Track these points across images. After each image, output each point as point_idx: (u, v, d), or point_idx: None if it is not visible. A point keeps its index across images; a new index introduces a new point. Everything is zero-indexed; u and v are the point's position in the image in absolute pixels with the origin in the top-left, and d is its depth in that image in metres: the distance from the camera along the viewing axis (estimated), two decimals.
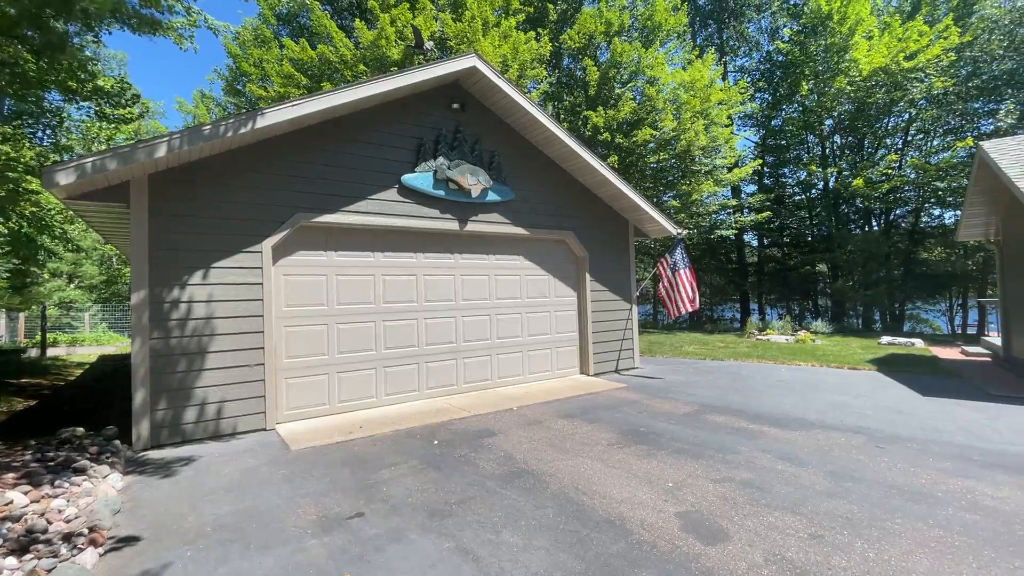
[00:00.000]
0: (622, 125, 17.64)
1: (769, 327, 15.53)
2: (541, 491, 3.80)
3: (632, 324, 9.37)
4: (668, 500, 3.60)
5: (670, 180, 18.33)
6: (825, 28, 18.99)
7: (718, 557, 2.83)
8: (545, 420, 5.85)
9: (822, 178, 20.97)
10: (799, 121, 21.16)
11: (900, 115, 19.85)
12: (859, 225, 21.74)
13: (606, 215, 9.07)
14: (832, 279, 21.39)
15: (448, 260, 7.29)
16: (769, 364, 9.92)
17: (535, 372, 8.11)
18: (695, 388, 7.61)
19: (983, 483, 3.82)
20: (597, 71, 17.83)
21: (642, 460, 4.44)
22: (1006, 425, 5.36)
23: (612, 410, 6.28)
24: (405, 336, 6.80)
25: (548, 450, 4.76)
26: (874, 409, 6.15)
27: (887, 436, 5.04)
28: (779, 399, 6.77)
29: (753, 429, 5.36)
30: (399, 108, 6.75)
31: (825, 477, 3.99)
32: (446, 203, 7.07)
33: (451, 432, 5.41)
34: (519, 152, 7.94)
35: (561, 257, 8.56)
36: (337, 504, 3.63)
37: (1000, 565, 2.71)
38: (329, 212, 6.12)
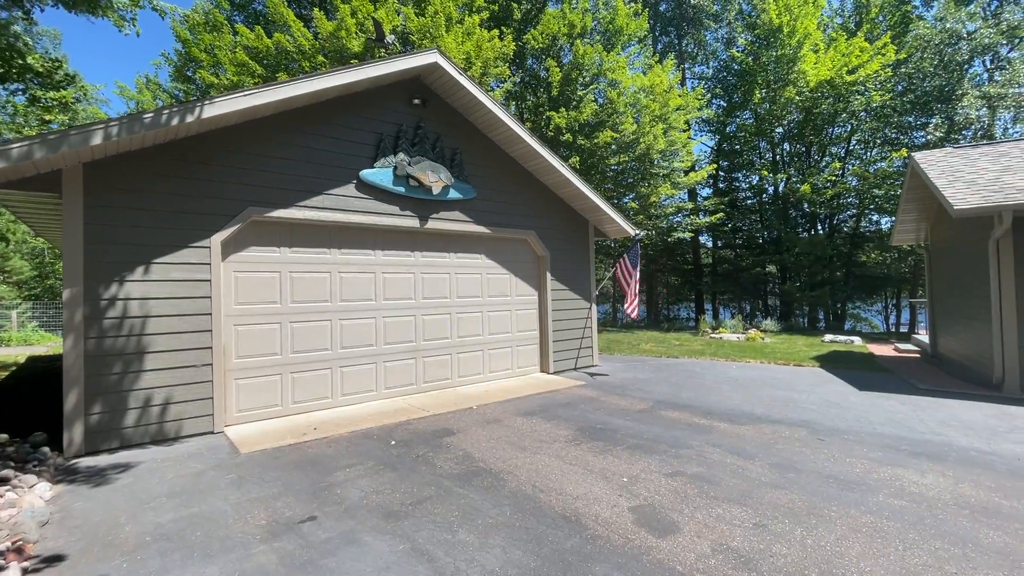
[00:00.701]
0: (584, 127, 17.89)
1: (722, 326, 16.12)
2: (499, 489, 3.81)
3: (592, 323, 9.53)
4: (623, 495, 3.68)
5: (630, 182, 18.73)
6: (776, 40, 19.88)
7: (668, 549, 2.92)
8: (504, 418, 5.87)
9: (773, 183, 21.96)
10: (752, 128, 22.07)
11: (843, 125, 21.03)
12: (806, 229, 22.89)
13: (567, 215, 9.18)
14: (781, 280, 22.44)
15: (408, 258, 7.19)
16: (721, 361, 10.31)
17: (495, 371, 8.12)
18: (651, 385, 7.82)
19: (909, 471, 4.10)
20: (560, 72, 18.00)
21: (598, 456, 4.53)
22: (930, 416, 5.78)
23: (571, 407, 6.37)
24: (363, 335, 6.66)
25: (507, 448, 4.78)
26: (816, 403, 6.49)
27: (827, 429, 5.33)
28: (729, 395, 7.04)
29: (705, 424, 5.55)
30: (358, 101, 6.60)
31: (770, 469, 4.18)
32: (406, 200, 6.97)
33: (409, 432, 5.35)
34: (481, 150, 7.92)
35: (522, 256, 8.60)
36: (288, 508, 3.53)
37: (922, 547, 2.92)
38: (283, 207, 5.92)
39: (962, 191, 7.32)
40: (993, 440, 4.88)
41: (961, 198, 7.10)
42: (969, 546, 2.92)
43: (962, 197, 7.12)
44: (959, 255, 8.78)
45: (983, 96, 18.01)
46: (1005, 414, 5.84)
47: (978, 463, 4.26)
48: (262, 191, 5.79)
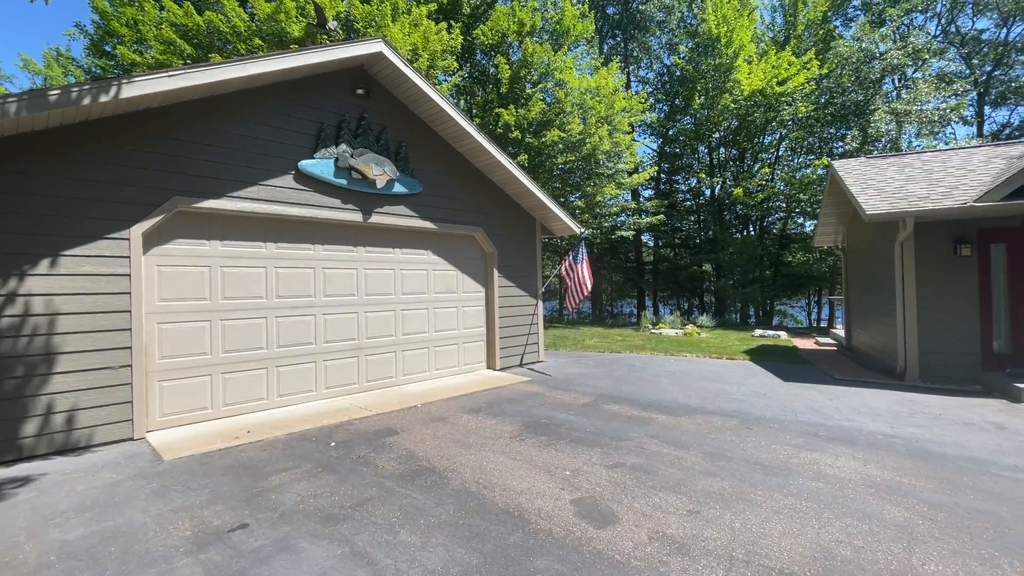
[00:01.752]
0: (532, 125, 18.03)
1: (661, 322, 16.79)
2: (442, 488, 3.78)
3: (538, 319, 9.64)
4: (565, 488, 3.75)
5: (576, 181, 19.08)
6: (715, 49, 20.86)
7: (608, 539, 3.01)
8: (449, 416, 5.82)
9: (709, 186, 23.07)
10: (691, 133, 23.06)
11: (773, 133, 22.41)
12: (739, 230, 24.23)
13: (515, 212, 9.22)
14: (716, 278, 23.65)
15: (350, 253, 6.97)
16: (660, 356, 10.73)
17: (441, 368, 8.04)
18: (594, 380, 8.01)
19: (826, 455, 4.44)
20: (509, 69, 18.03)
21: (542, 451, 4.59)
22: (844, 404, 6.29)
23: (516, 403, 6.42)
24: (301, 333, 6.39)
25: (451, 446, 4.74)
26: (745, 394, 6.90)
27: (755, 418, 5.68)
28: (667, 388, 7.34)
29: (644, 417, 5.76)
30: (298, 89, 6.30)
31: (703, 458, 4.40)
32: (349, 193, 6.74)
33: (350, 433, 5.19)
34: (428, 145, 7.79)
35: (470, 252, 8.55)
36: (217, 516, 3.33)
37: (835, 524, 3.17)
38: (214, 197, 5.56)
39: (873, 198, 8.00)
40: (896, 424, 5.38)
41: (872, 204, 7.75)
42: (874, 521, 3.20)
43: (873, 203, 7.78)
44: (870, 256, 9.59)
45: (892, 112, 19.75)
46: (907, 400, 6.45)
47: (883, 446, 4.68)
48: (190, 180, 5.41)
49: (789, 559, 2.77)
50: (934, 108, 19.74)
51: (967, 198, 7.08)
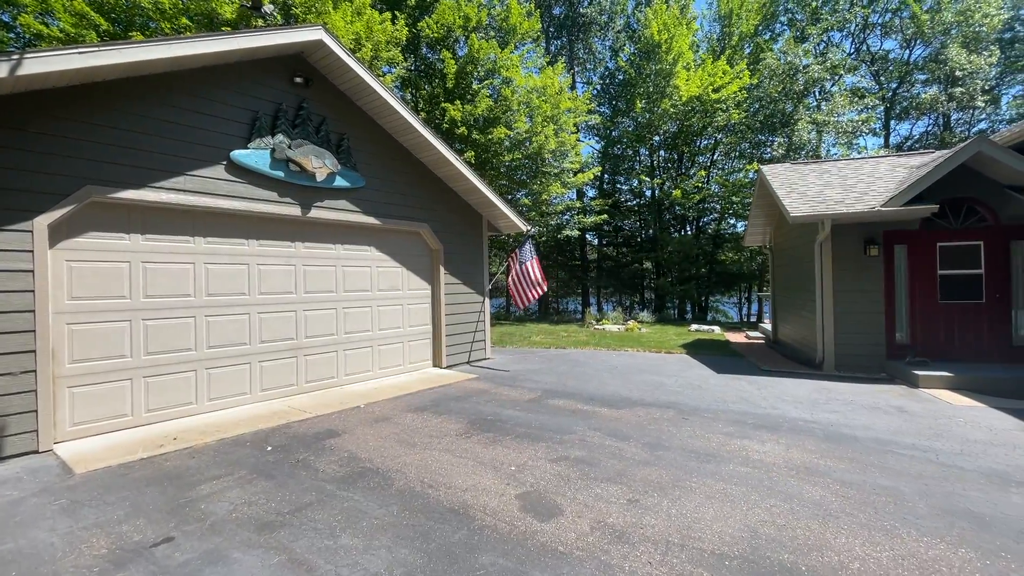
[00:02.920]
0: (479, 121, 17.98)
1: (605, 318, 17.28)
2: (386, 489, 3.71)
3: (485, 316, 9.64)
4: (510, 483, 3.79)
5: (523, 179, 19.23)
6: (656, 55, 21.65)
7: (551, 531, 3.07)
8: (394, 416, 5.72)
9: (650, 187, 23.95)
10: (633, 135, 23.82)
11: (709, 138, 23.58)
12: (677, 229, 25.32)
13: (461, 209, 9.16)
14: (656, 275, 24.63)
15: (288, 249, 6.67)
16: (603, 351, 11.04)
17: (386, 367, 7.87)
18: (540, 375, 8.13)
19: (753, 441, 4.74)
20: (455, 64, 17.87)
21: (488, 447, 4.60)
22: (770, 393, 6.74)
23: (462, 401, 6.40)
24: (235, 333, 6.05)
25: (396, 446, 4.66)
26: (682, 386, 7.23)
27: (690, 408, 5.97)
28: (610, 382, 7.57)
29: (588, 410, 5.91)
30: (231, 74, 5.94)
31: (642, 448, 4.58)
32: (286, 186, 6.44)
33: (288, 436, 4.98)
34: (372, 138, 7.58)
35: (415, 249, 8.42)
36: (138, 531, 3.09)
37: (761, 505, 3.40)
38: (134, 187, 5.14)
39: (796, 201, 8.60)
40: (815, 411, 5.83)
41: (796, 207, 8.34)
42: (795, 501, 3.46)
43: (796, 206, 8.37)
44: (794, 255, 10.32)
45: (813, 122, 21.31)
46: (824, 388, 7.00)
47: (803, 431, 5.06)
48: (106, 168, 4.97)
49: (720, 540, 2.95)
50: (849, 120, 21.49)
51: (875, 203, 7.77)
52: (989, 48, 21.10)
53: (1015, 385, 6.53)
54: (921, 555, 2.78)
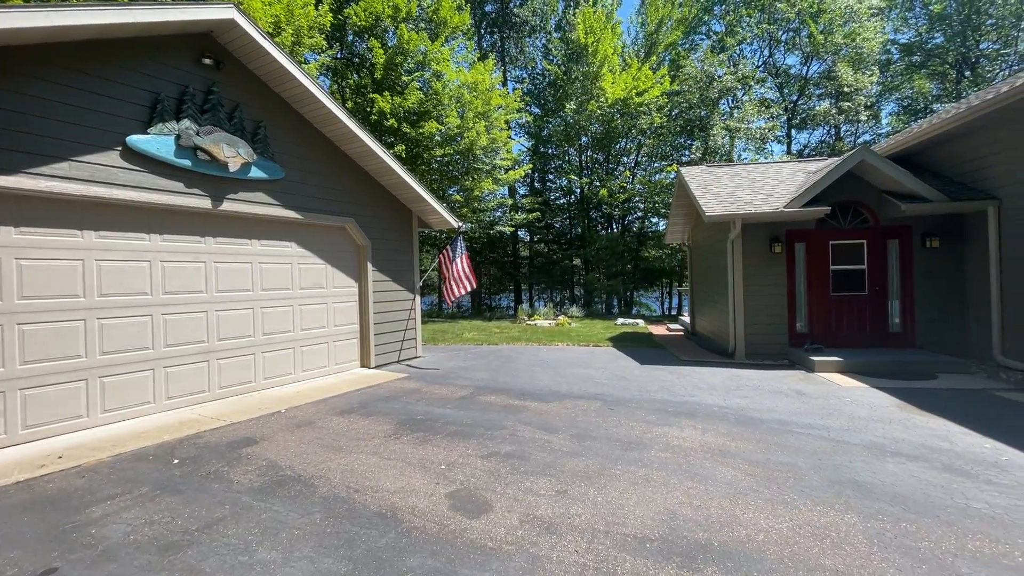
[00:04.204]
0: (409, 114, 17.58)
1: (536, 313, 17.57)
2: (309, 496, 3.53)
3: (415, 314, 9.46)
4: (440, 483, 3.74)
5: (455, 175, 19.06)
6: (584, 57, 22.23)
7: (481, 528, 3.07)
8: (318, 420, 5.46)
9: (579, 186, 24.62)
10: (562, 134, 24.35)
11: (633, 139, 24.60)
12: (605, 227, 26.24)
13: (390, 204, 8.91)
14: (585, 271, 25.38)
15: (197, 244, 6.15)
16: (535, 346, 11.23)
17: (310, 369, 7.50)
18: (471, 372, 8.11)
19: (673, 428, 5.02)
20: (384, 54, 17.34)
21: (418, 447, 4.52)
22: (689, 382, 7.17)
23: (392, 401, 6.24)
24: (134, 336, 5.49)
25: (320, 451, 4.45)
26: (608, 378, 7.51)
27: (616, 399, 6.21)
28: (540, 376, 7.71)
29: (518, 405, 5.98)
30: (126, 51, 5.36)
31: (571, 440, 4.70)
32: (194, 176, 5.93)
33: (198, 447, 4.61)
34: (292, 127, 7.17)
35: (341, 245, 8.08)
36: (12, 565, 2.72)
37: (680, 487, 3.60)
38: (5, 173, 4.50)
39: (711, 201, 9.20)
40: (727, 397, 6.28)
41: (711, 207, 8.91)
42: (709, 482, 3.70)
43: (711, 206, 8.94)
44: (709, 252, 11.03)
45: (727, 128, 22.91)
46: (735, 376, 7.56)
47: (717, 416, 5.43)
48: None
49: (642, 524, 3.09)
50: (757, 127, 23.32)
51: (779, 205, 8.48)
52: (871, 68, 23.73)
53: (891, 367, 7.41)
54: (815, 523, 3.08)
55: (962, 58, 22.04)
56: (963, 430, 4.78)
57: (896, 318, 8.51)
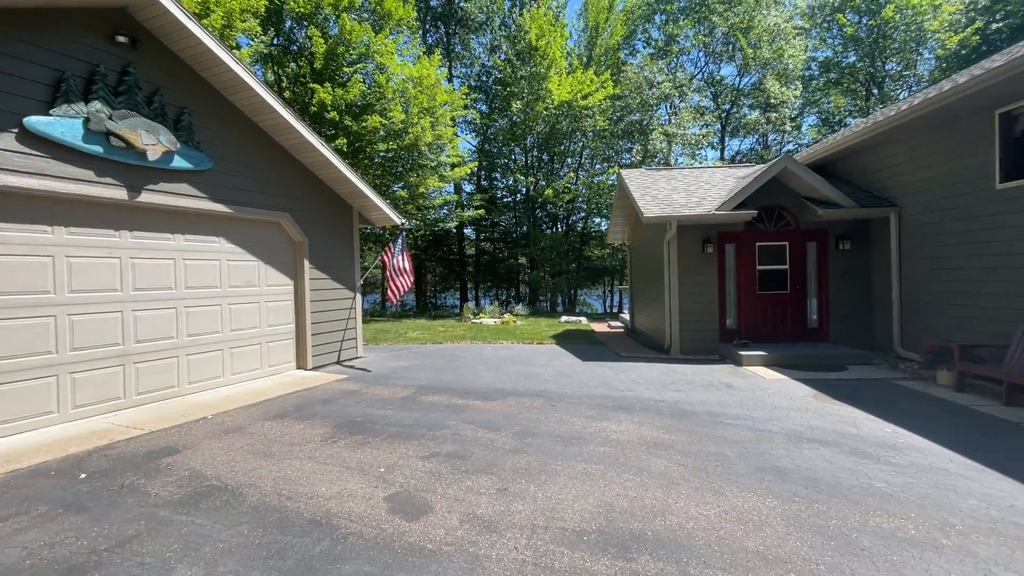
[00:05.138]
0: (351, 107, 17.02)
1: (482, 312, 17.56)
2: (236, 507, 3.34)
3: (356, 313, 9.18)
4: (379, 486, 3.65)
5: (400, 171, 18.67)
6: (532, 58, 22.40)
7: (420, 530, 3.02)
8: (249, 425, 5.18)
9: (525, 185, 24.81)
10: (508, 133, 24.44)
11: (578, 141, 25.10)
12: (550, 226, 26.60)
13: (330, 199, 8.58)
14: (530, 270, 25.63)
15: (111, 239, 5.65)
16: (480, 344, 11.21)
17: (240, 372, 7.09)
18: (414, 372, 7.98)
19: (611, 422, 5.17)
20: (324, 44, 16.68)
21: (356, 450, 4.39)
22: (627, 378, 7.42)
23: (329, 403, 6.02)
24: (35, 340, 4.96)
25: (250, 458, 4.22)
26: (551, 375, 7.63)
27: (558, 396, 6.32)
28: (484, 374, 7.71)
29: (461, 404, 5.94)
30: (23, 22, 4.81)
31: (513, 437, 4.73)
32: (107, 164, 5.43)
33: (111, 459, 4.24)
34: (221, 116, 6.73)
35: (275, 241, 7.69)
36: None
37: (617, 480, 3.71)
38: None
39: (650, 203, 9.55)
40: (663, 391, 6.55)
41: (649, 208, 9.25)
42: (644, 474, 3.84)
43: (650, 208, 9.28)
44: (647, 252, 11.45)
45: (665, 133, 23.88)
46: (671, 371, 7.89)
47: (653, 410, 5.65)
48: None
49: (580, 518, 3.16)
50: (693, 133, 24.46)
51: (711, 207, 8.94)
52: (795, 83, 25.52)
53: (808, 360, 8.00)
54: (740, 508, 3.27)
55: (871, 77, 24.15)
56: (868, 416, 5.25)
57: (814, 315, 9.21)
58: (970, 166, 6.83)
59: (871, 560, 2.65)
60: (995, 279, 6.48)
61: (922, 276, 7.75)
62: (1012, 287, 6.24)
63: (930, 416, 5.24)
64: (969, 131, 6.82)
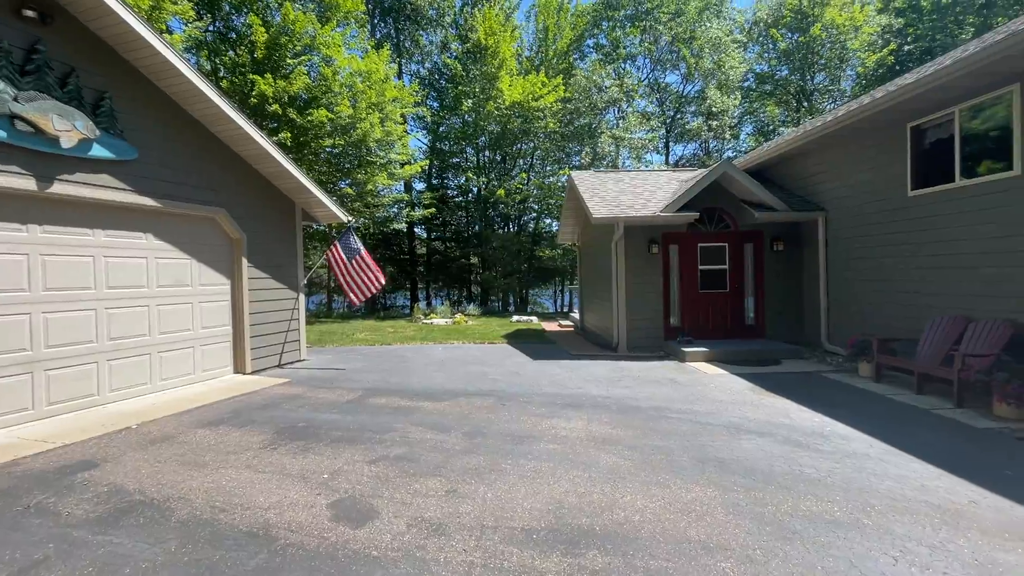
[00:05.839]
0: (295, 100, 16.34)
1: (433, 312, 17.34)
2: (163, 523, 3.10)
3: (299, 314, 8.81)
4: (322, 493, 3.50)
5: (347, 167, 18.11)
6: (483, 57, 22.35)
7: (365, 537, 2.91)
8: (179, 434, 4.84)
9: (476, 184, 24.73)
10: (460, 132, 24.28)
11: (529, 143, 25.28)
12: (502, 226, 26.65)
13: (271, 195, 8.18)
14: (482, 270, 25.60)
15: (17, 233, 5.12)
16: (431, 345, 11.05)
17: (171, 377, 6.62)
18: (362, 374, 7.75)
19: (561, 420, 5.22)
20: (266, 33, 15.91)
21: (298, 457, 4.19)
22: (577, 375, 7.52)
23: (270, 409, 5.73)
24: None
25: (180, 469, 3.94)
26: (502, 374, 7.62)
27: (509, 395, 6.31)
28: (435, 375, 7.59)
29: (410, 406, 5.82)
30: None
31: (463, 438, 4.67)
32: (11, 150, 4.91)
33: (14, 477, 3.83)
34: (149, 102, 6.26)
35: (209, 238, 7.24)
36: None
37: (566, 477, 3.74)
38: None
39: (598, 205, 9.74)
40: (611, 388, 6.68)
41: (598, 210, 9.43)
42: (593, 469, 3.90)
43: (598, 209, 9.47)
44: (597, 252, 11.68)
45: (613, 137, 24.49)
46: (619, 368, 8.08)
47: (602, 406, 5.75)
48: None
49: (530, 517, 3.15)
50: (639, 137, 25.23)
51: (656, 209, 9.23)
52: (735, 92, 26.86)
53: (746, 355, 8.42)
54: (683, 499, 3.37)
55: (801, 90, 25.83)
56: (799, 407, 5.58)
57: (751, 312, 9.70)
58: (886, 175, 7.41)
59: (802, 543, 2.80)
60: (907, 279, 7.07)
61: (846, 276, 8.35)
62: (921, 286, 6.83)
63: (852, 405, 5.64)
64: (886, 143, 7.40)
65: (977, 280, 6.05)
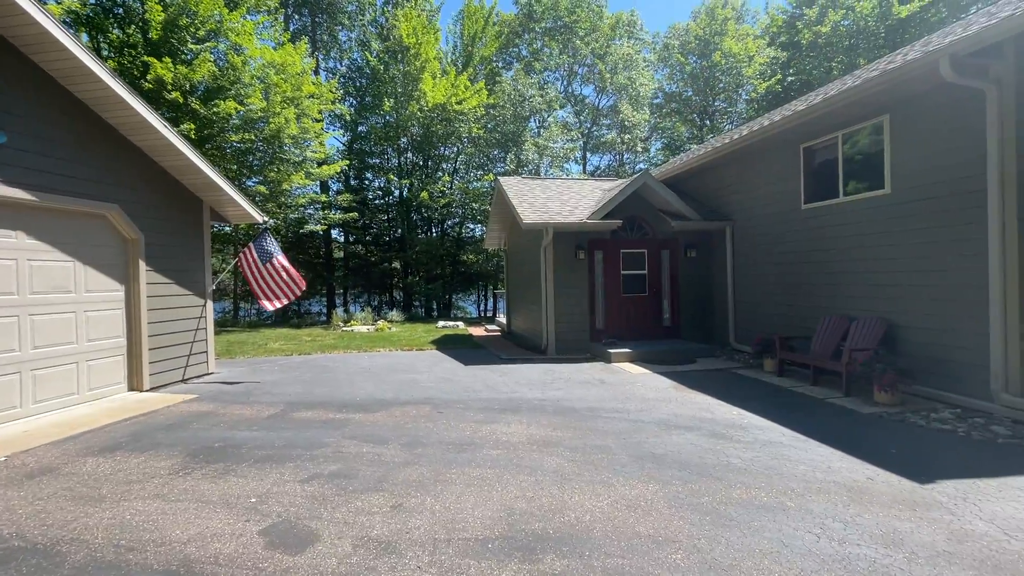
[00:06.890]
0: (199, 89, 14.93)
1: (353, 318, 16.60)
2: (53, 571, 2.64)
3: (207, 323, 8.02)
4: (251, 519, 3.18)
5: (258, 165, 16.84)
6: (405, 57, 21.87)
7: (307, 563, 2.69)
8: (65, 464, 4.18)
9: (398, 187, 24.12)
10: (381, 133, 23.56)
11: (453, 146, 25.13)
12: (424, 231, 26.18)
13: (174, 191, 7.38)
14: (404, 275, 24.98)
15: None
16: (354, 353, 10.55)
17: (48, 399, 5.71)
18: (281, 387, 7.21)
19: (501, 424, 5.20)
20: (163, 12, 14.38)
21: (218, 481, 3.79)
22: (511, 379, 7.55)
23: (177, 429, 5.14)
24: None
25: (69, 506, 3.39)
26: (434, 381, 7.45)
27: (444, 402, 6.18)
28: (363, 385, 7.25)
29: (340, 418, 5.50)
30: None
31: (402, 449, 4.49)
32: None
33: None
34: (21, 79, 5.39)
35: (99, 238, 6.37)
36: None
37: (513, 482, 3.72)
38: None
39: (528, 211, 9.89)
40: (545, 390, 6.78)
41: (527, 216, 9.57)
42: (539, 473, 3.91)
43: (528, 215, 9.61)
44: (525, 257, 11.85)
45: (535, 145, 25.04)
46: (550, 370, 8.23)
47: (539, 409, 5.81)
48: None
49: (482, 525, 3.09)
50: (560, 147, 26.04)
51: (583, 217, 9.55)
52: (645, 108, 28.62)
53: (666, 355, 8.95)
54: (628, 496, 3.48)
55: (704, 110, 28.14)
56: (718, 402, 6.01)
57: (667, 314, 10.33)
58: (784, 189, 8.26)
59: (738, 528, 3.00)
60: (803, 282, 7.91)
61: (750, 280, 9.17)
62: (814, 289, 7.67)
63: (762, 398, 6.19)
64: (784, 160, 8.25)
65: (859, 284, 6.91)
